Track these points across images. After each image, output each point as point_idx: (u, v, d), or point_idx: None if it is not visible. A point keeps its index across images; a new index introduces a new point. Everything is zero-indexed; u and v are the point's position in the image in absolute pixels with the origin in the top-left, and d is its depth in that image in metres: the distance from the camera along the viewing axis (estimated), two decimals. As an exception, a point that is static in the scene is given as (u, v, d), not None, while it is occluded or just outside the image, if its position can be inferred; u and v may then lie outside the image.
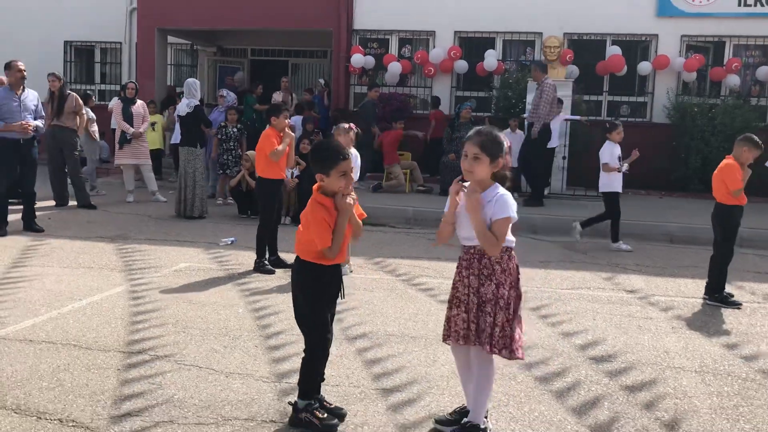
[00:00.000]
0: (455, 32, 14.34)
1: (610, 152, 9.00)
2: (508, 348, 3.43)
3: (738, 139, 6.57)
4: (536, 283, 7.03)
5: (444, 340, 3.61)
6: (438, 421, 3.68)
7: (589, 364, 4.77)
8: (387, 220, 10.28)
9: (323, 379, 3.78)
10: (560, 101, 11.71)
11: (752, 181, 7.14)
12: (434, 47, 14.34)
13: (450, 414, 3.71)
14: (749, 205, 6.71)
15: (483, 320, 3.43)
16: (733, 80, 13.22)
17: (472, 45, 14.46)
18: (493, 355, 3.49)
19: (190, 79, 10.92)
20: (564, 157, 12.15)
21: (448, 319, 3.56)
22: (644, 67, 13.50)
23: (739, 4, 13.27)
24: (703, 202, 6.80)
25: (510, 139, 11.77)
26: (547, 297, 6.48)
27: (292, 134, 7.22)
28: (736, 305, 6.32)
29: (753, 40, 13.53)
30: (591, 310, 6.07)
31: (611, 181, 8.96)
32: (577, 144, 12.65)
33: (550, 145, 11.68)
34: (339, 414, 3.69)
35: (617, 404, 4.11)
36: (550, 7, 13.65)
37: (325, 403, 3.72)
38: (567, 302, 6.32)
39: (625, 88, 14.08)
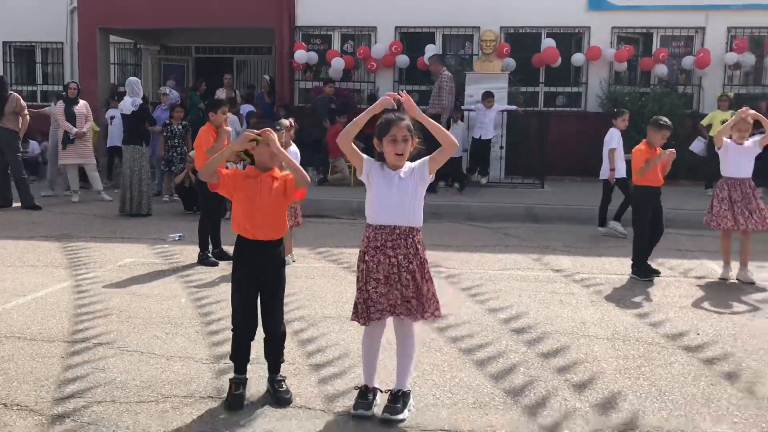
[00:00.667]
0: (396, 27, 14.65)
1: (618, 139, 9.17)
2: (438, 309, 3.76)
3: (648, 123, 7.04)
4: (470, 265, 7.40)
5: (365, 322, 3.74)
6: (362, 408, 3.71)
7: (511, 335, 5.13)
8: (332, 212, 10.55)
9: (283, 360, 4.02)
10: (490, 94, 12.13)
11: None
12: (376, 42, 14.62)
13: (361, 397, 3.77)
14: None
15: (412, 294, 3.69)
16: (661, 69, 13.82)
17: (413, 40, 14.79)
18: (416, 329, 3.81)
19: (131, 78, 11.02)
20: (501, 147, 12.58)
21: (366, 300, 3.71)
22: (578, 58, 14.02)
23: (665, -3, 13.90)
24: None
25: (453, 131, 12.15)
26: (479, 278, 6.85)
27: (229, 129, 7.42)
28: (650, 277, 6.77)
29: (678, 31, 14.17)
30: (518, 288, 6.45)
31: (617, 168, 9.09)
32: (515, 134, 13.10)
33: (485, 136, 12.13)
34: (279, 398, 3.85)
35: (532, 369, 4.48)
36: (487, 2, 14.04)
37: (275, 385, 3.92)
38: (497, 282, 6.70)
39: (560, 79, 14.59)
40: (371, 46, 14.60)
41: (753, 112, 6.82)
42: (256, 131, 3.82)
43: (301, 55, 14.44)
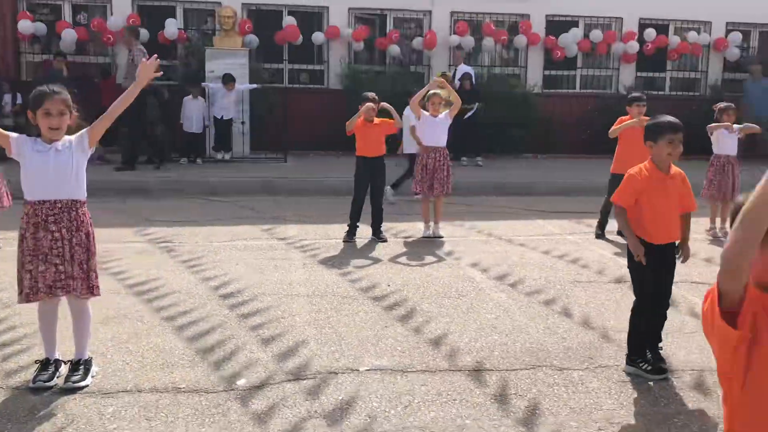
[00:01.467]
0: (132, 0, 14.12)
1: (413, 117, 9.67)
2: (98, 287, 3.85)
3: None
4: (198, 238, 7.54)
5: (30, 299, 3.73)
6: (41, 380, 3.73)
7: (218, 301, 5.39)
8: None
9: None
10: (232, 78, 12.28)
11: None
12: (112, 15, 13.97)
13: (42, 369, 3.80)
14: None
15: (79, 268, 3.75)
16: (395, 50, 14.84)
17: (152, 13, 14.35)
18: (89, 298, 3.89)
19: None
20: (243, 123, 12.76)
21: (30, 279, 3.69)
22: (318, 37, 14.56)
23: (395, -19, 14.89)
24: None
25: (191, 106, 12.07)
26: (203, 250, 7.02)
27: None
28: (352, 240, 7.45)
29: (409, 13, 15.29)
30: (238, 258, 6.73)
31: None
32: (260, 110, 13.34)
33: (226, 116, 12.31)
34: None
35: (228, 329, 4.77)
36: (227, -22, 14.04)
37: None
38: (218, 253, 6.92)
39: (303, 57, 15.07)
40: (107, 19, 13.92)
41: (441, 80, 7.80)
42: None
43: (26, 26, 13.37)
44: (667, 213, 4.07)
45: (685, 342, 4.69)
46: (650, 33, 15.55)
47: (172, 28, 13.84)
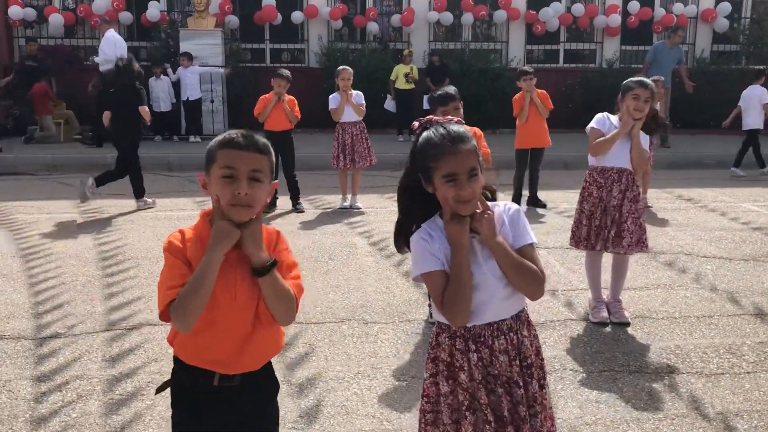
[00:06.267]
0: (117, -16, 14.65)
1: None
2: None
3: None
4: (126, 209, 7.97)
5: None
6: None
7: (96, 263, 5.81)
8: (25, 168, 10.63)
9: None
10: (187, 54, 12.72)
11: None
12: (96, -1, 14.55)
13: None
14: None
15: None
16: (373, 27, 15.04)
17: (138, -4, 14.90)
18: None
19: None
20: (212, 101, 13.15)
21: None
22: (297, 16, 14.86)
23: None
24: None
25: (157, 86, 12.50)
26: (121, 219, 7.46)
27: None
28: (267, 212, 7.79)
29: (388, -9, 15.47)
30: (147, 226, 7.14)
31: None
32: (237, 89, 13.73)
33: (192, 96, 12.75)
34: None
35: (86, 287, 5.19)
36: (207, -40, 14.40)
37: None
38: (135, 222, 7.35)
39: (285, 36, 15.40)
40: (92, 3, 14.50)
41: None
42: None
43: (17, 12, 14.05)
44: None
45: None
46: (634, 6, 15.37)
47: (154, 10, 14.34)
